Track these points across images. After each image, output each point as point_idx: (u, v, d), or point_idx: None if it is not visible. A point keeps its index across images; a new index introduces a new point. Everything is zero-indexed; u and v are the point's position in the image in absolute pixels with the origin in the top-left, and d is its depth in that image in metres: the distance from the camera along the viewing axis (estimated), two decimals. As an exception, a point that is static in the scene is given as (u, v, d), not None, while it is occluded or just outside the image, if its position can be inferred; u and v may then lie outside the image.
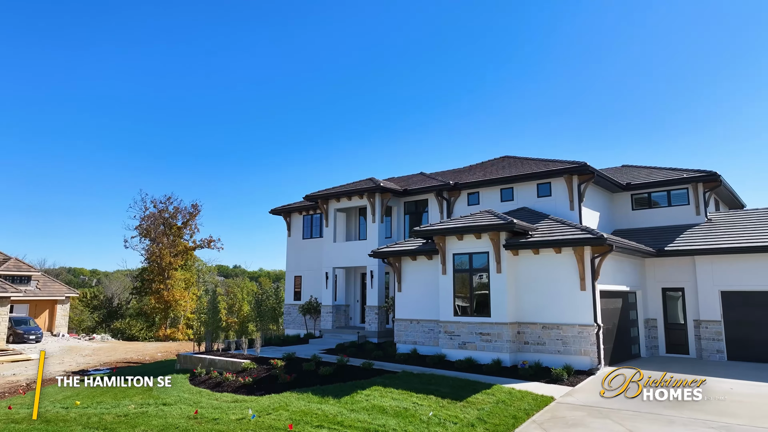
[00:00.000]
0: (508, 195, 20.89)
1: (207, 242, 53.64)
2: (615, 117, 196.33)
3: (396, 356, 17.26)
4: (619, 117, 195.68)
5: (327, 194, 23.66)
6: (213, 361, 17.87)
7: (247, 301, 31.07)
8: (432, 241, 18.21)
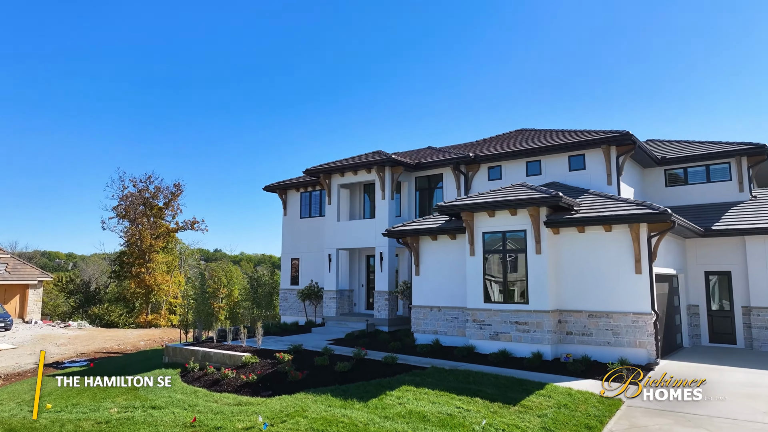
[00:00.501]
0: (535, 168, 18.85)
1: (190, 224, 51.00)
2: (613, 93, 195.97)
3: (417, 348, 15.24)
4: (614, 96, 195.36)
5: (330, 168, 21.38)
6: (207, 354, 15.65)
7: (237, 286, 28.79)
8: (457, 219, 16.15)
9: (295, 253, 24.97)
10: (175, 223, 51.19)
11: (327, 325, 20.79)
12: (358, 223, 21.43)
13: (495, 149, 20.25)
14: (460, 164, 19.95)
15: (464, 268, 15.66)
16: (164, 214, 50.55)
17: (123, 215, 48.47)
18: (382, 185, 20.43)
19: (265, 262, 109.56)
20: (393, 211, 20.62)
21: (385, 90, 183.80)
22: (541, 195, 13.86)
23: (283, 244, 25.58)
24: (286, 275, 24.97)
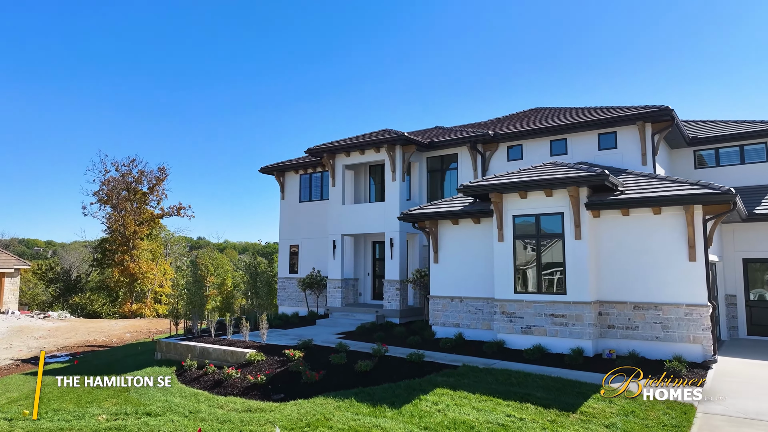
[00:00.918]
0: (560, 148, 17.42)
1: (176, 209, 48.90)
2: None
3: (440, 343, 13.80)
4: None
5: (335, 147, 19.74)
6: (206, 351, 14.05)
7: (230, 274, 27.10)
8: (482, 201, 14.70)
9: (294, 239, 23.34)
10: (160, 209, 49.09)
11: (332, 316, 19.28)
12: (364, 207, 19.86)
13: (515, 127, 18.77)
14: (477, 143, 18.45)
15: (490, 255, 14.25)
16: (148, 200, 48.42)
17: (105, 200, 46.25)
18: (392, 165, 18.86)
19: (249, 250, 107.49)
20: (404, 194, 19.08)
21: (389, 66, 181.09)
22: (583, 173, 12.43)
23: (281, 229, 23.93)
24: (284, 263, 23.35)
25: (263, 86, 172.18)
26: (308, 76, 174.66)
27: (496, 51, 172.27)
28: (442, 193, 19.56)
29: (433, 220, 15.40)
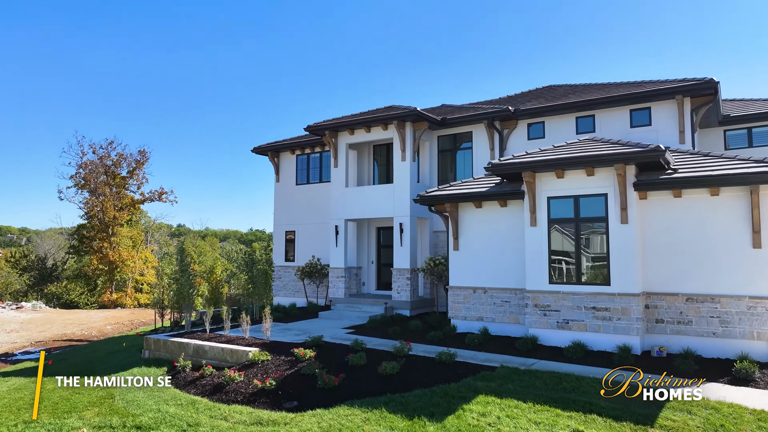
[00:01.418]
0: (587, 125, 16.02)
1: (158, 194, 46.85)
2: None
3: (465, 339, 12.37)
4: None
5: (338, 124, 18.07)
6: (201, 349, 12.43)
7: (218, 262, 25.40)
8: (510, 181, 13.24)
9: (290, 224, 21.69)
10: (141, 194, 46.95)
11: (335, 308, 17.74)
12: (370, 190, 18.28)
13: (535, 103, 17.31)
14: (495, 120, 16.95)
15: (519, 242, 12.85)
16: (128, 184, 46.23)
17: (82, 185, 43.90)
18: (402, 144, 17.27)
19: (231, 237, 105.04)
20: (414, 176, 17.54)
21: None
22: (633, 149, 11.01)
23: (276, 214, 22.25)
24: (279, 250, 21.71)
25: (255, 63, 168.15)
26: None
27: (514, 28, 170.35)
28: (454, 175, 18.07)
29: (454, 203, 13.90)
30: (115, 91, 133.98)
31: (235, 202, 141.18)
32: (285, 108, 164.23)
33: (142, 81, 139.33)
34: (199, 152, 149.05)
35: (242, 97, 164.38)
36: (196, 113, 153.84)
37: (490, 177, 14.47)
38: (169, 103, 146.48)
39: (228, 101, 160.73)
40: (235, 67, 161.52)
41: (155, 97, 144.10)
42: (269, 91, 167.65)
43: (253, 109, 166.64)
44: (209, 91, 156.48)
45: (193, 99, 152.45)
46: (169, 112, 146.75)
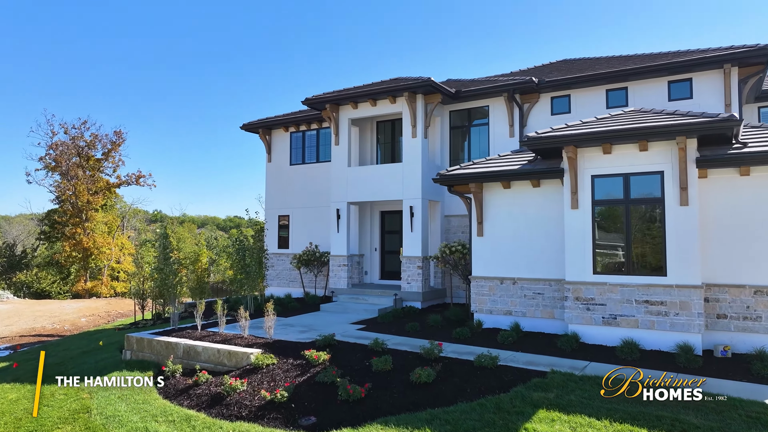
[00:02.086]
0: (618, 99, 14.55)
1: (135, 178, 44.45)
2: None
3: (498, 337, 10.86)
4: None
5: (340, 97, 16.30)
6: (193, 350, 10.71)
7: (203, 250, 23.55)
8: (545, 158, 11.72)
9: (283, 208, 19.92)
10: (117, 177, 44.50)
11: (338, 299, 16.11)
12: (376, 170, 16.59)
13: (561, 74, 15.77)
14: (515, 92, 15.37)
15: (555, 227, 11.40)
16: (103, 167, 43.70)
17: (52, 167, 41.23)
18: (413, 119, 15.60)
19: (209, 224, 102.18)
20: (426, 154, 15.91)
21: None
22: (699, 119, 9.53)
23: (267, 197, 20.44)
24: (272, 236, 19.94)
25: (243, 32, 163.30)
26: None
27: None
28: (468, 154, 16.49)
29: (479, 183, 12.33)
30: (87, 70, 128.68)
31: (214, 188, 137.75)
32: (271, 87, 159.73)
33: (115, 60, 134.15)
34: (178, 135, 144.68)
35: (226, 76, 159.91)
36: (177, 93, 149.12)
37: (519, 154, 12.94)
38: (147, 83, 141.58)
39: (211, 81, 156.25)
40: (215, 46, 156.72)
41: (132, 76, 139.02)
42: (254, 69, 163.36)
43: (238, 89, 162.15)
44: (191, 70, 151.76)
45: (174, 79, 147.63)
46: (148, 93, 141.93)
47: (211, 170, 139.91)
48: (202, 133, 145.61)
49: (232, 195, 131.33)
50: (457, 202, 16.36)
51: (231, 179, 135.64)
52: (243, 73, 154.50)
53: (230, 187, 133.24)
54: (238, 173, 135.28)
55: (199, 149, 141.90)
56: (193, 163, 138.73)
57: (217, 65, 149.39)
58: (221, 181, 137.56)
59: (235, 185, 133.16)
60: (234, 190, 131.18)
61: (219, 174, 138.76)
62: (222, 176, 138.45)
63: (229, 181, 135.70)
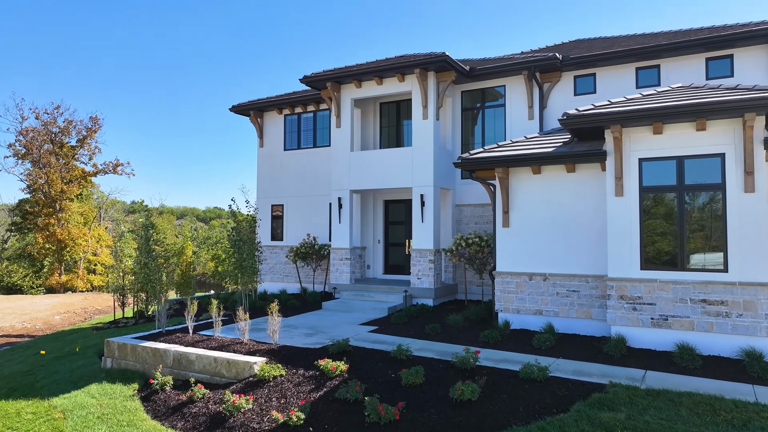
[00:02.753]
0: (649, 77, 13.37)
1: (112, 166, 42.23)
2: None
3: (533, 341, 9.61)
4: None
5: (342, 74, 14.84)
6: (185, 358, 9.25)
7: (188, 242, 21.90)
8: (582, 139, 10.47)
9: (277, 197, 18.43)
10: (93, 166, 42.20)
11: (341, 297, 14.73)
12: (382, 155, 15.18)
13: (586, 50, 14.52)
14: (536, 70, 14.08)
15: (593, 216, 10.21)
16: (78, 154, 41.43)
17: (23, 154, 38.90)
18: (424, 99, 14.22)
19: (188, 215, 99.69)
20: (438, 137, 14.56)
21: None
22: (772, 93, 8.35)
23: (259, 185, 18.92)
24: (264, 227, 18.45)
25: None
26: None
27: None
28: (483, 138, 15.19)
29: (505, 168, 11.05)
30: (60, 54, 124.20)
31: (195, 177, 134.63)
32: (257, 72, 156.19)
33: (93, 42, 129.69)
34: (159, 122, 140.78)
35: (208, 60, 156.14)
36: (156, 79, 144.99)
37: (548, 136, 11.68)
38: (126, 67, 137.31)
39: (192, 65, 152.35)
40: (198, 30, 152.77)
41: (110, 60, 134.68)
42: (240, 54, 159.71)
43: (220, 72, 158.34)
44: (171, 54, 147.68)
45: (154, 63, 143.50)
46: (126, 78, 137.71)
47: (193, 159, 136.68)
48: (184, 120, 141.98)
49: (214, 185, 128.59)
50: (469, 190, 15.11)
51: (213, 168, 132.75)
52: (230, 58, 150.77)
53: (212, 176, 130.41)
54: (221, 162, 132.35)
55: (180, 137, 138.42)
56: (174, 151, 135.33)
57: (202, 48, 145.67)
58: (202, 170, 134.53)
59: (218, 175, 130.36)
60: (215, 179, 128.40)
61: (200, 163, 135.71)
62: (203, 165, 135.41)
63: (211, 170, 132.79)
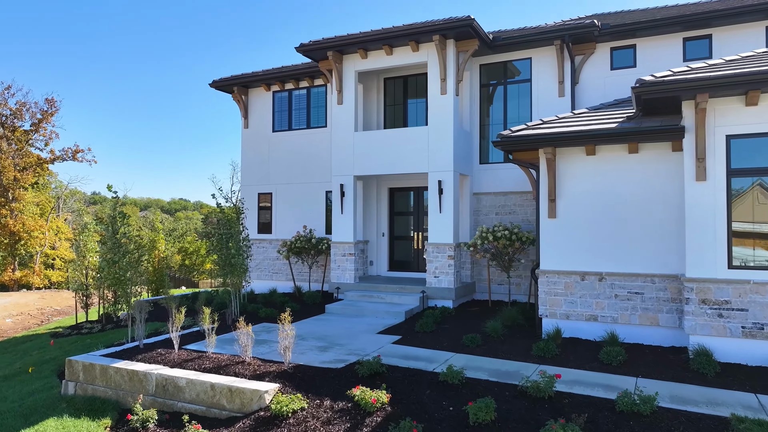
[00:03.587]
0: (699, 49, 11.85)
1: (72, 153, 39.11)
2: None
3: (601, 355, 7.95)
4: None
5: (346, 41, 12.87)
6: (172, 383, 7.24)
7: (161, 235, 19.63)
8: (649, 113, 8.82)
9: (264, 184, 16.35)
10: (50, 152, 38.96)
11: (346, 298, 12.84)
12: (390, 136, 13.28)
13: (625, 18, 12.91)
14: (568, 41, 12.40)
15: (662, 204, 8.66)
16: (33, 140, 38.13)
17: (-31, 138, 35.50)
18: (442, 71, 12.38)
19: (152, 207, 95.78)
20: (458, 115, 12.77)
21: None
22: None
23: (244, 171, 16.81)
24: (250, 219, 16.35)
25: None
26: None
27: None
28: (505, 118, 13.47)
29: (553, 148, 9.34)
30: (8, 28, 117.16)
31: (162, 166, 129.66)
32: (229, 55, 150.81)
33: (47, 15, 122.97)
34: (124, 106, 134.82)
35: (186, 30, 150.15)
36: (122, 54, 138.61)
37: (599, 111, 10.03)
38: (86, 42, 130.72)
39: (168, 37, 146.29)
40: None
41: (68, 34, 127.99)
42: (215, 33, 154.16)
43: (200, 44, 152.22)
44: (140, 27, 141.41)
45: (120, 38, 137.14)
46: (87, 55, 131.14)
47: (163, 145, 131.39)
48: (156, 101, 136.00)
49: (182, 175, 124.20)
50: (488, 176, 13.41)
51: (186, 155, 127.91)
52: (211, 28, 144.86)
53: (183, 165, 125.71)
54: (197, 148, 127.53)
55: (151, 120, 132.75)
56: (142, 135, 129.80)
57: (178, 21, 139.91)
58: (174, 157, 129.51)
59: (191, 162, 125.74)
60: (186, 168, 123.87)
61: (172, 150, 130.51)
62: (175, 152, 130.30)
63: (184, 157, 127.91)
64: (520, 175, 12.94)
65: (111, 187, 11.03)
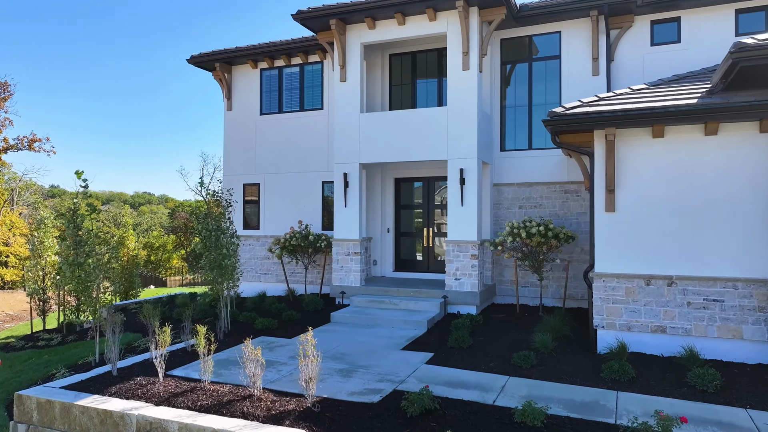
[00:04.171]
0: (752, 23, 10.57)
1: (28, 142, 36.24)
2: None
3: (689, 377, 6.54)
4: None
5: (353, 8, 11.14)
6: (159, 429, 5.47)
7: (130, 231, 17.47)
8: (733, 88, 7.42)
9: (251, 174, 14.50)
10: (3, 141, 35.95)
11: (353, 303, 11.15)
12: (403, 118, 11.59)
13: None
14: (606, 11, 10.96)
15: (747, 195, 7.36)
16: (-19, 126, 35.08)
17: None
18: (465, 43, 10.78)
19: (115, 200, 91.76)
20: (481, 94, 11.20)
21: None
22: None
23: (227, 159, 14.92)
24: (235, 213, 14.48)
25: None
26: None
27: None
28: (530, 99, 11.96)
29: (613, 129, 7.88)
30: None
31: (128, 157, 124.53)
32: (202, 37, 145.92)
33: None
34: (89, 88, 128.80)
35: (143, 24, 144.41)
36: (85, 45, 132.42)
37: (659, 87, 8.61)
38: (50, 30, 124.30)
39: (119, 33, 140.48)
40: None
41: (29, 20, 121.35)
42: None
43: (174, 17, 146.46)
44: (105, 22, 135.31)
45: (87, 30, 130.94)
46: (50, 41, 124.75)
47: (132, 133, 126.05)
48: (124, 83, 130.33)
49: (149, 166, 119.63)
50: (510, 165, 11.93)
51: (149, 147, 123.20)
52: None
53: (152, 154, 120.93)
54: (162, 137, 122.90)
55: (120, 104, 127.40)
56: (108, 121, 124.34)
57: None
58: (142, 146, 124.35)
59: (154, 154, 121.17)
60: (155, 158, 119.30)
61: (141, 137, 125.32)
62: (139, 141, 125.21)
63: (153, 146, 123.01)
64: (546, 163, 11.55)
65: (81, 174, 9.07)
